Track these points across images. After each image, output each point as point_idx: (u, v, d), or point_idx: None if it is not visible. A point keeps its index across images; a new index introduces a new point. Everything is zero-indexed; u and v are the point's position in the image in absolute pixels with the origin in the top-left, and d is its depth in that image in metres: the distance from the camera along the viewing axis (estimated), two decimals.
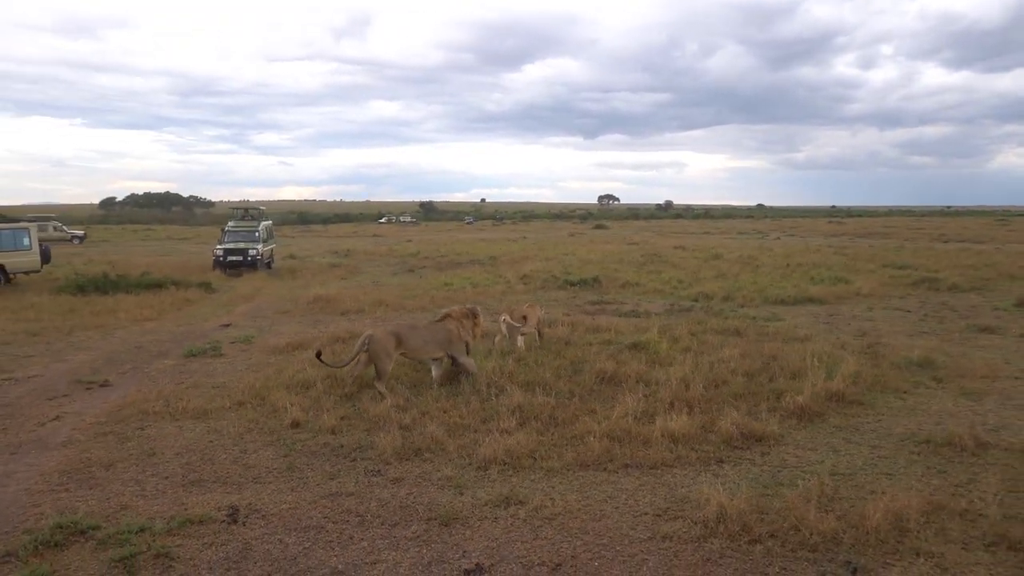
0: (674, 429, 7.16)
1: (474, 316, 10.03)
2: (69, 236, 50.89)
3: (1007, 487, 6.03)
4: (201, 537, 5.31)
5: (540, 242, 43.58)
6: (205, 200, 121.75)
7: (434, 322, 9.79)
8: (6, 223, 22.25)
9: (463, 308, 10.15)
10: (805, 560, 4.86)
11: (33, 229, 22.22)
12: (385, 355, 8.89)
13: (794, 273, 23.14)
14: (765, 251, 33.27)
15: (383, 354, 8.88)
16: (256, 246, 24.68)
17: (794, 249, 34.80)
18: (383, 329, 9.41)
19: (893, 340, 12.45)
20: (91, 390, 9.75)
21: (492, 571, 4.81)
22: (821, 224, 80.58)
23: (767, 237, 50.43)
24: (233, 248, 24.67)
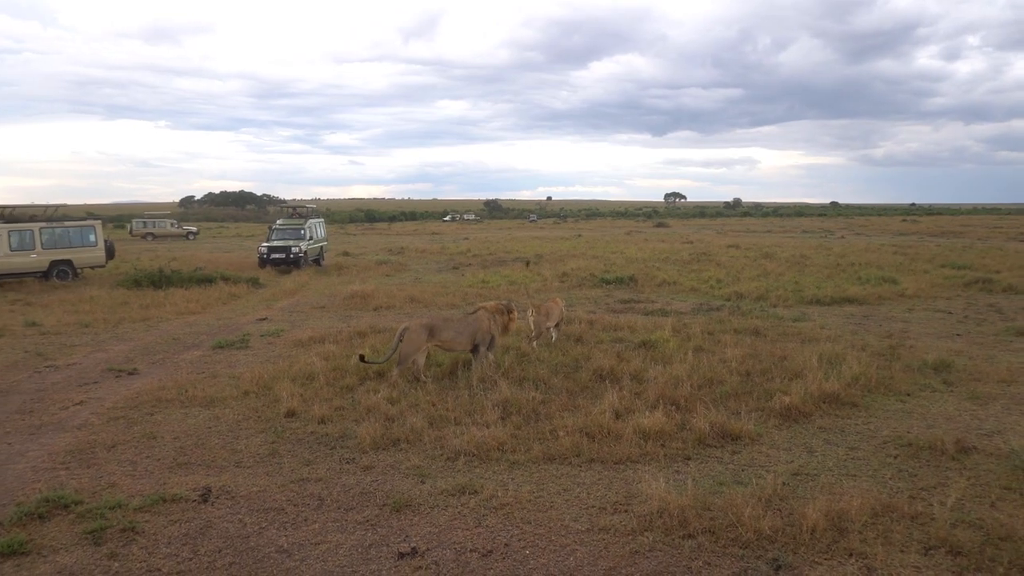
0: (648, 426, 7.22)
1: (508, 312, 10.41)
2: (184, 232, 53.97)
3: (972, 492, 5.91)
4: (169, 514, 5.70)
5: (593, 240, 43.47)
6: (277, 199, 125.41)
7: (467, 315, 10.21)
8: (75, 221, 23.53)
9: (497, 303, 10.54)
10: (732, 556, 4.91)
11: (98, 226, 23.53)
12: (413, 345, 9.32)
13: (842, 273, 22.55)
14: (822, 250, 32.39)
15: (411, 346, 9.34)
16: (299, 244, 25.41)
17: (853, 248, 33.77)
18: (418, 321, 9.85)
19: (919, 342, 12.10)
20: (120, 378, 10.39)
21: (426, 555, 5.03)
22: (894, 223, 77.59)
23: (830, 236, 48.98)
24: (277, 246, 25.48)
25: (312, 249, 26.72)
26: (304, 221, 27.20)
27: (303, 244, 25.62)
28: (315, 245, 27.12)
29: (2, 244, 21.25)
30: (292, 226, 26.80)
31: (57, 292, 19.65)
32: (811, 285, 19.35)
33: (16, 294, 19.55)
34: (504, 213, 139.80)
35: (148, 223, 55.36)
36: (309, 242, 26.27)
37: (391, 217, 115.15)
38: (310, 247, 26.29)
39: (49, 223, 22.41)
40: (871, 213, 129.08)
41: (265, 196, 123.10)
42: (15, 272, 21.57)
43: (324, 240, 28.68)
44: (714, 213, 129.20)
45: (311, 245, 26.48)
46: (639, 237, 47.64)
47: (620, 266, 24.98)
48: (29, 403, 9.09)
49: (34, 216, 22.82)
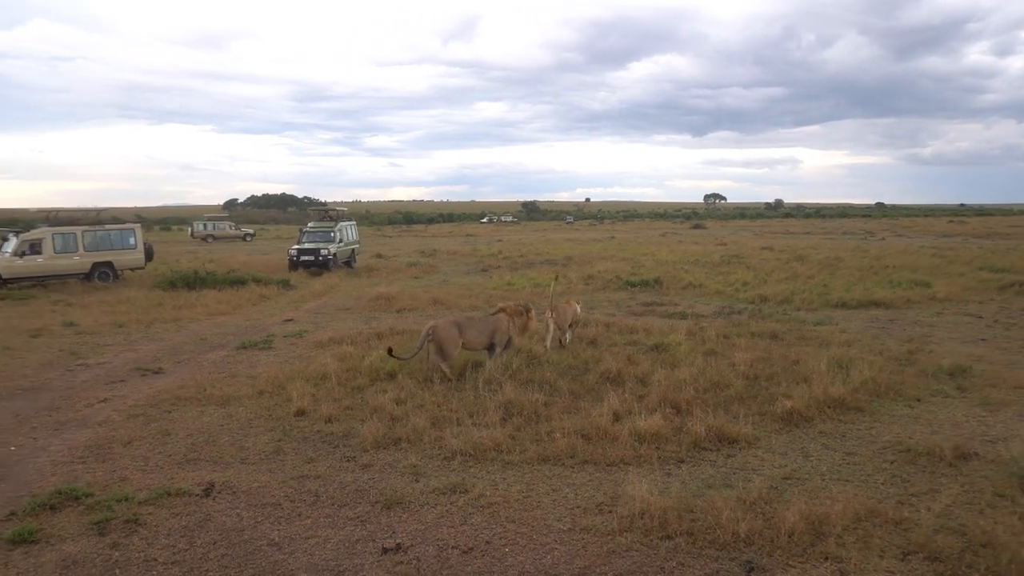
0: (644, 429, 7.29)
1: (527, 313, 10.71)
2: (242, 234, 56.27)
3: (963, 499, 5.87)
4: (172, 507, 5.97)
5: (626, 242, 43.36)
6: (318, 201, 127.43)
7: (488, 315, 10.53)
8: (116, 224, 24.32)
9: (517, 305, 10.85)
10: (707, 557, 4.98)
11: (138, 229, 24.29)
12: (451, 342, 9.68)
13: (874, 276, 22.20)
14: (858, 252, 31.85)
15: (449, 341, 9.67)
16: (328, 246, 25.83)
17: (891, 250, 33.13)
18: (445, 320, 10.16)
19: (941, 346, 11.92)
20: (145, 377, 10.78)
21: (409, 551, 5.19)
22: (940, 224, 75.77)
23: (871, 238, 48.07)
24: (306, 248, 25.95)
25: (342, 251, 27.14)
26: (335, 224, 27.65)
27: (332, 247, 26.04)
28: (346, 247, 27.53)
29: (47, 246, 22.07)
30: (322, 229, 27.27)
31: (97, 293, 20.36)
32: (839, 288, 19.12)
33: (59, 295, 20.30)
34: (542, 215, 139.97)
35: (209, 225, 57.18)
36: (339, 244, 26.68)
37: (429, 219, 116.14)
38: (340, 249, 26.71)
39: (91, 226, 23.20)
40: (918, 214, 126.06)
41: (306, 198, 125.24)
42: (59, 274, 22.39)
43: (356, 242, 29.11)
44: (754, 214, 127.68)
45: (341, 247, 26.89)
46: (673, 239, 47.37)
47: (648, 268, 24.94)
48: (57, 400, 9.51)
49: (77, 219, 23.64)
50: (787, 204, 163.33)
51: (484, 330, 10.18)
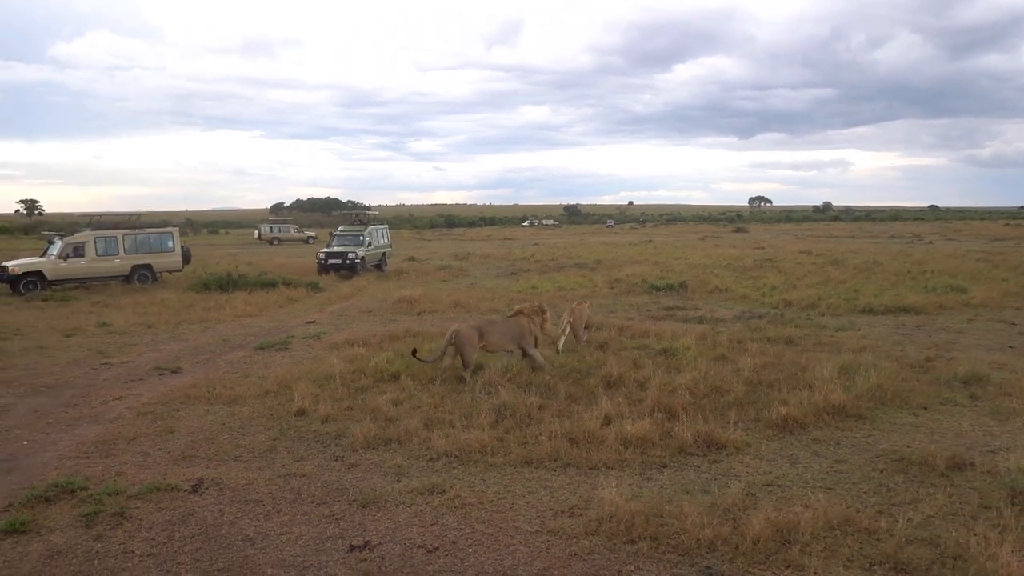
0: (631, 433, 7.28)
1: (542, 312, 10.94)
2: (305, 237, 57.89)
3: (946, 510, 5.74)
4: (160, 502, 6.18)
5: (662, 246, 43.00)
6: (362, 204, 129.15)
7: (508, 317, 10.81)
8: (155, 228, 25.07)
9: (533, 305, 11.09)
10: (667, 562, 4.97)
11: (176, 233, 25.01)
12: (471, 346, 9.92)
13: (910, 281, 21.65)
14: (899, 256, 31.06)
15: (468, 345, 9.89)
16: (356, 250, 26.17)
17: (935, 255, 32.23)
18: (467, 324, 10.44)
19: (964, 353, 11.59)
20: (163, 376, 11.12)
21: (375, 549, 5.29)
22: (996, 227, 73.38)
23: (917, 242, 46.81)
24: (335, 252, 26.34)
25: (372, 255, 27.48)
26: (364, 227, 28.01)
27: (361, 250, 26.38)
28: (375, 251, 27.87)
29: (89, 250, 22.88)
30: (352, 232, 27.66)
31: (135, 295, 21.01)
32: (870, 293, 18.69)
33: (99, 296, 21.02)
34: (583, 218, 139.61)
35: (275, 228, 58.87)
36: (368, 248, 27.01)
37: (470, 222, 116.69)
38: (369, 253, 27.05)
39: (131, 230, 23.96)
40: (973, 217, 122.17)
41: (350, 202, 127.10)
42: (101, 276, 23.17)
43: (387, 246, 29.44)
44: (801, 217, 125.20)
45: (370, 251, 27.23)
46: (711, 243, 46.81)
47: (678, 272, 24.72)
48: (77, 397, 9.88)
49: (118, 223, 24.45)
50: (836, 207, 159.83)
51: (507, 332, 10.44)
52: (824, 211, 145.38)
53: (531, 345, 10.53)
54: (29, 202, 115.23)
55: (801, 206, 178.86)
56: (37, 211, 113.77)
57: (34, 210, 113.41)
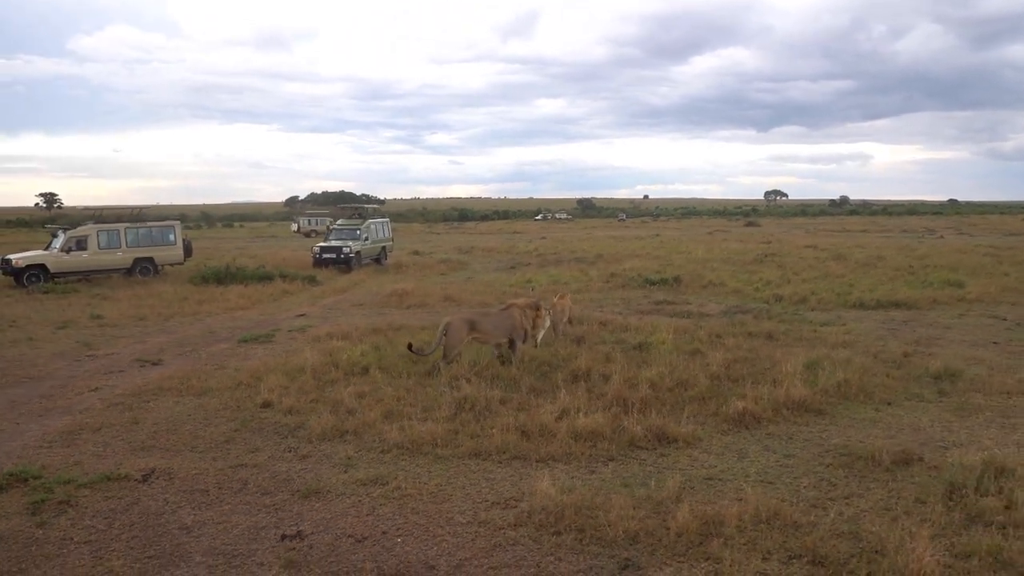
0: (582, 427, 7.31)
1: (536, 308, 11.13)
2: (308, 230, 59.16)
3: (881, 504, 5.74)
4: (108, 491, 6.30)
5: (669, 240, 42.85)
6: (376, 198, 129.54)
7: (501, 310, 10.92)
8: (157, 221, 25.34)
9: (528, 300, 11.29)
10: (588, 554, 5.02)
11: (178, 226, 25.27)
12: (457, 339, 10.04)
13: (910, 275, 21.47)
14: (905, 251, 30.76)
15: (455, 338, 10.04)
16: (351, 244, 26.27)
17: (942, 249, 31.90)
18: (459, 316, 10.59)
19: (945, 349, 11.52)
20: (144, 368, 11.28)
21: (306, 539, 5.38)
22: (1013, 221, 72.49)
23: (928, 236, 46.32)
24: (329, 246, 26.47)
25: (369, 249, 27.57)
26: (362, 222, 28.12)
27: (356, 244, 26.45)
28: (374, 245, 27.95)
29: (92, 243, 23.16)
30: (349, 226, 27.79)
31: (134, 288, 21.26)
32: (865, 288, 18.57)
33: (99, 289, 21.29)
34: (597, 212, 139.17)
35: (312, 221, 59.84)
36: (365, 242, 27.10)
37: (483, 216, 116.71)
38: (366, 247, 27.14)
39: (134, 223, 24.24)
40: (993, 211, 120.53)
41: (364, 195, 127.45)
42: (103, 268, 23.45)
43: (387, 240, 29.52)
44: (817, 211, 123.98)
45: (367, 245, 27.30)
46: (719, 237, 46.57)
47: (678, 266, 24.65)
48: (55, 388, 10.05)
49: (121, 217, 24.72)
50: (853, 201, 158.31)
51: (499, 324, 10.56)
52: (841, 205, 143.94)
53: (520, 338, 10.64)
54: (48, 195, 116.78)
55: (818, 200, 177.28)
56: (56, 204, 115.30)
57: (53, 203, 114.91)
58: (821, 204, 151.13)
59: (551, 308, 12.05)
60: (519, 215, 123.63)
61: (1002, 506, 5.45)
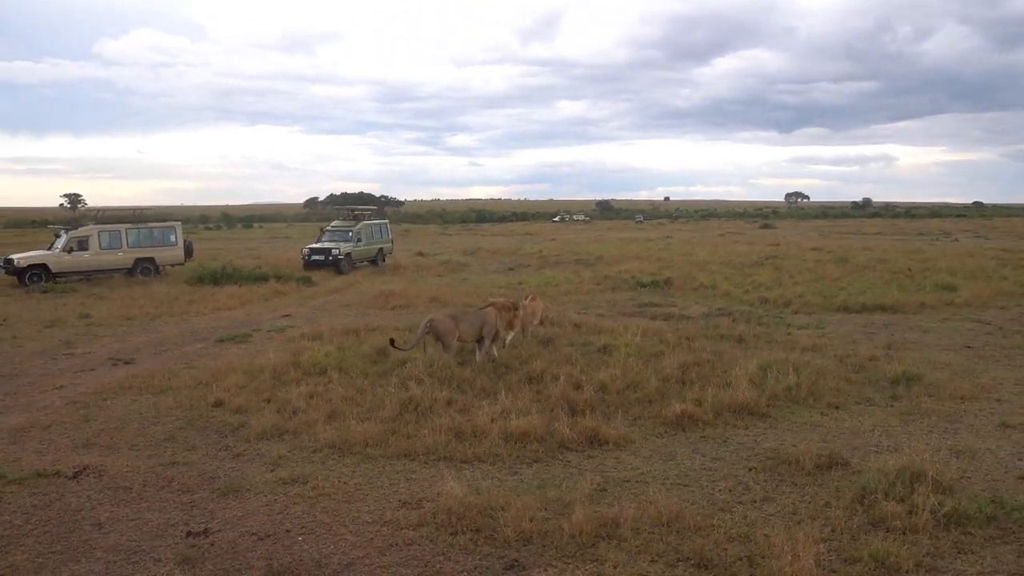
0: (515, 428, 7.34)
1: (514, 309, 11.37)
2: None
3: (788, 509, 5.72)
4: (37, 487, 6.44)
5: (679, 242, 42.65)
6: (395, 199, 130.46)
7: (479, 309, 11.12)
8: (158, 223, 25.72)
9: (506, 300, 11.54)
10: (478, 554, 5.06)
11: (178, 227, 25.63)
12: (449, 334, 10.32)
13: (906, 279, 21.17)
14: (912, 254, 30.32)
15: (447, 333, 10.31)
16: (341, 246, 26.39)
17: (949, 252, 31.43)
18: (442, 313, 10.94)
19: (914, 353, 11.39)
20: (116, 366, 11.48)
21: (211, 536, 5.47)
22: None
23: (942, 239, 45.65)
24: (317, 248, 26.63)
25: (363, 250, 27.63)
26: (355, 223, 28.23)
27: (346, 246, 26.59)
28: (368, 247, 27.92)
29: (93, 243, 23.58)
30: (342, 228, 27.93)
31: (131, 288, 21.59)
32: (855, 291, 18.37)
33: (97, 289, 21.66)
34: (615, 213, 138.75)
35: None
36: (357, 244, 27.16)
37: (501, 217, 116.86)
38: (358, 249, 27.21)
39: (135, 224, 24.62)
40: (1019, 214, 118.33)
41: (383, 197, 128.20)
42: (105, 268, 23.86)
43: (385, 241, 29.52)
44: (838, 214, 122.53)
45: (360, 247, 27.36)
46: (729, 239, 46.27)
47: (676, 268, 24.55)
48: (23, 386, 10.27)
49: (122, 218, 25.13)
50: (877, 203, 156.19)
51: (474, 323, 10.70)
52: (863, 207, 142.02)
53: (490, 337, 10.77)
54: (72, 196, 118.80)
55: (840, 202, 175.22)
56: (80, 204, 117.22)
57: (77, 203, 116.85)
58: (843, 206, 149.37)
59: (524, 310, 12.09)
60: (537, 217, 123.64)
61: (905, 511, 5.40)
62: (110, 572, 4.99)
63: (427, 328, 10.32)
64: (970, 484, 6.21)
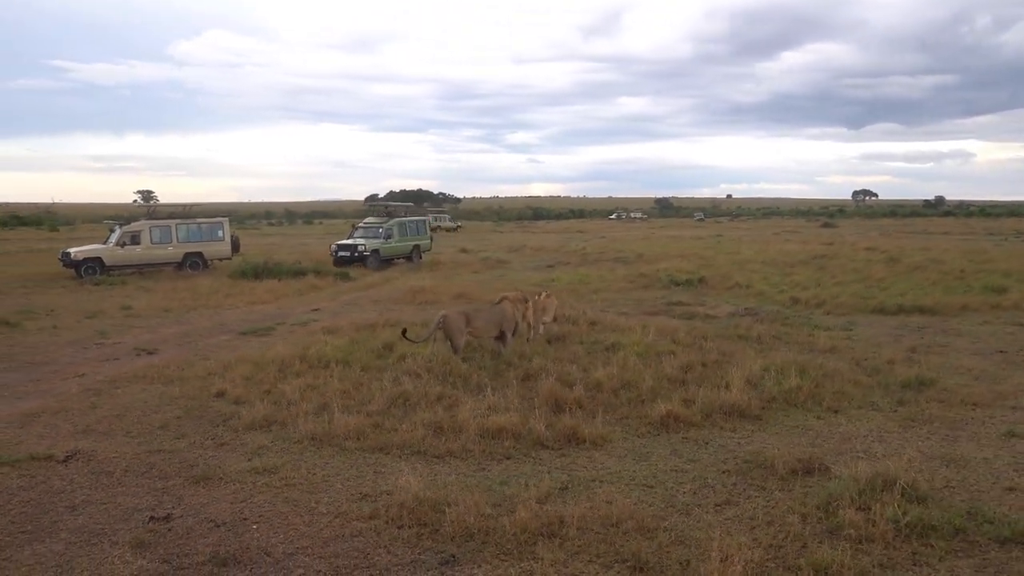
0: (492, 425, 7.35)
1: (525, 302, 11.46)
2: (455, 226, 65.57)
3: (747, 514, 5.58)
4: (26, 469, 6.74)
5: (729, 240, 41.86)
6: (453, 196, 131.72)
7: (493, 305, 11.23)
8: (206, 218, 26.58)
9: (518, 294, 11.60)
10: (419, 548, 5.09)
11: (226, 223, 26.44)
12: (457, 331, 10.41)
13: (954, 280, 20.30)
14: (971, 255, 29.01)
15: (455, 330, 10.40)
16: (366, 243, 26.68)
17: (1014, 253, 30.01)
18: (455, 310, 11.00)
19: (942, 357, 10.93)
20: (139, 356, 11.92)
21: (172, 521, 5.64)
22: None
23: (1011, 239, 43.63)
24: (345, 244, 27.01)
25: (393, 247, 27.77)
26: (387, 220, 28.45)
27: (374, 242, 26.90)
28: (400, 244, 28.07)
29: (145, 238, 24.52)
30: (374, 225, 28.22)
31: (176, 281, 22.38)
32: (897, 292, 17.71)
33: (146, 281, 22.52)
34: (675, 211, 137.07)
35: (437, 218, 63.64)
36: (387, 241, 27.43)
37: (557, 215, 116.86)
38: (386, 246, 27.38)
39: (184, 220, 25.50)
40: None
41: (441, 194, 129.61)
42: (156, 262, 24.81)
43: (422, 238, 29.48)
44: (908, 212, 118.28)
45: (389, 244, 27.52)
46: (782, 238, 45.18)
47: (714, 268, 24.12)
48: (48, 373, 10.76)
49: (173, 214, 26.07)
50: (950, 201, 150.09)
51: (492, 319, 10.81)
52: (936, 206, 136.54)
53: (509, 331, 10.89)
54: (145, 192, 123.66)
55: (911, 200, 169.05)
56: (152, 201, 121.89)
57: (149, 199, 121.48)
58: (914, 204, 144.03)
59: (533, 306, 12.06)
60: (594, 214, 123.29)
61: (864, 520, 5.20)
62: (67, 552, 5.20)
63: (440, 323, 10.42)
64: (951, 494, 5.95)
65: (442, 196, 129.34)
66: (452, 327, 10.38)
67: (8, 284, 22.00)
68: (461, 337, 10.43)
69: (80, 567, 4.99)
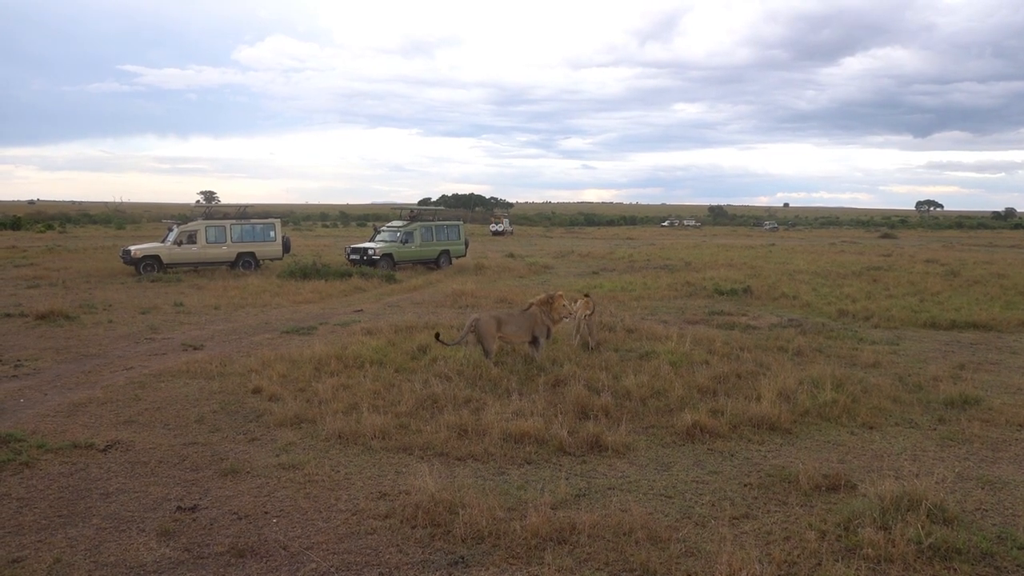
0: (515, 429, 7.38)
1: (550, 302, 11.39)
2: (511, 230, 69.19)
3: (763, 528, 5.49)
4: (69, 456, 7.03)
5: (781, 250, 41.05)
6: (504, 201, 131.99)
7: (522, 311, 11.34)
8: (259, 219, 27.23)
9: (543, 296, 11.61)
10: (431, 549, 5.15)
11: (278, 224, 27.05)
12: (489, 336, 10.56)
13: (1016, 295, 19.56)
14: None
15: (487, 335, 10.56)
16: (377, 247, 26.79)
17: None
18: (487, 314, 11.13)
19: (992, 375, 10.58)
20: (185, 351, 12.30)
21: (197, 512, 5.83)
22: None
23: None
24: (358, 247, 27.28)
25: (411, 252, 27.69)
26: (408, 224, 28.41)
27: (389, 247, 27.01)
28: (421, 248, 27.95)
29: (201, 237, 25.27)
30: (395, 229, 28.26)
31: (228, 279, 22.97)
32: (952, 307, 17.14)
33: (200, 279, 23.20)
34: (729, 219, 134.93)
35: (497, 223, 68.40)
36: (405, 245, 27.43)
37: (609, 221, 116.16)
38: (402, 250, 27.32)
39: (238, 220, 26.20)
40: None
41: (493, 199, 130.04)
42: (210, 261, 25.53)
43: (452, 243, 29.06)
44: (975, 224, 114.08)
45: (404, 248, 27.45)
46: (836, 249, 44.09)
47: (762, 277, 23.71)
48: (100, 365, 11.20)
49: (228, 214, 26.81)
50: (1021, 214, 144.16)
51: (523, 325, 10.92)
52: (1006, 218, 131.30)
53: (543, 335, 10.99)
54: (208, 193, 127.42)
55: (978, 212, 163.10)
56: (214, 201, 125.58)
57: (211, 200, 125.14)
58: (982, 216, 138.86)
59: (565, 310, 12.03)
60: (646, 221, 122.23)
61: (885, 540, 5.06)
62: (97, 537, 5.42)
63: (472, 327, 10.50)
64: (983, 517, 5.76)
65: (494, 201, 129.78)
66: (484, 331, 10.48)
67: (74, 279, 22.94)
68: (493, 342, 10.52)
69: (107, 552, 5.20)
